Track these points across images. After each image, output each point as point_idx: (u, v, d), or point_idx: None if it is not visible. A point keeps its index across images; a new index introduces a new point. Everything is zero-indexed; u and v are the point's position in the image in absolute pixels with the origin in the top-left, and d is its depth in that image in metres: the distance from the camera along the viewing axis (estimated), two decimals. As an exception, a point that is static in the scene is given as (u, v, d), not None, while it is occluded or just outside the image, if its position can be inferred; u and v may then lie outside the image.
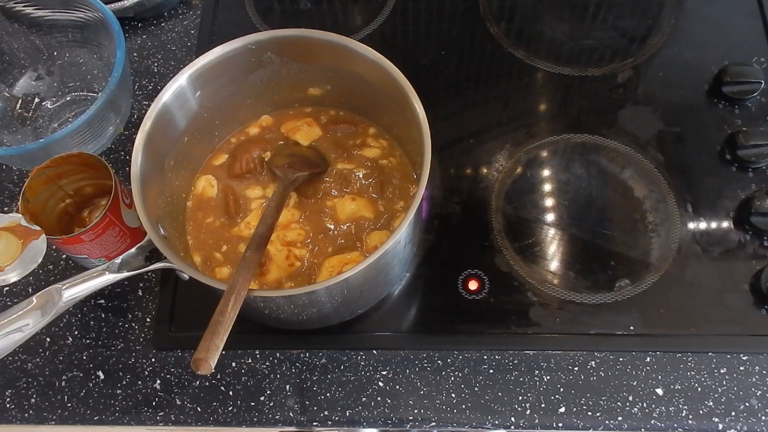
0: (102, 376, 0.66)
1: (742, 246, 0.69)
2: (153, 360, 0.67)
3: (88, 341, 0.68)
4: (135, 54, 0.84)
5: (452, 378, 0.64)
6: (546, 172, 0.74)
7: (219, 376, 0.66)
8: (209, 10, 0.86)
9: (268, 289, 0.62)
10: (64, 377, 0.66)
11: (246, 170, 0.70)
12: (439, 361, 0.65)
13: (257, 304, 0.58)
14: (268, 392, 0.65)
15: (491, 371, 0.65)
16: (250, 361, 0.66)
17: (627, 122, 0.76)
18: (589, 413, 0.62)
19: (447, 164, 0.75)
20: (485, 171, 0.74)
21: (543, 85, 0.80)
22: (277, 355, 0.66)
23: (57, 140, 0.67)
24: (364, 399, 0.64)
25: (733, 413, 0.62)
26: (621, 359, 0.65)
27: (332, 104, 0.73)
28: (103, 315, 0.69)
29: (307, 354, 0.66)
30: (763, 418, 0.62)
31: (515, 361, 0.65)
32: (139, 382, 0.66)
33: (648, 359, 0.64)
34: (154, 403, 0.65)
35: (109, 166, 0.63)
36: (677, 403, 0.62)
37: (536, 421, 0.62)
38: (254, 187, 0.70)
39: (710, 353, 0.65)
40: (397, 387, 0.64)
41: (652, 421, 0.62)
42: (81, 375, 0.66)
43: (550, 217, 0.72)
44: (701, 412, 0.62)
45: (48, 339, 0.68)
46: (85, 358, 0.67)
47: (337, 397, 0.64)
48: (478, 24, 0.84)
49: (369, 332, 0.67)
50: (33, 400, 0.65)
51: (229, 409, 0.64)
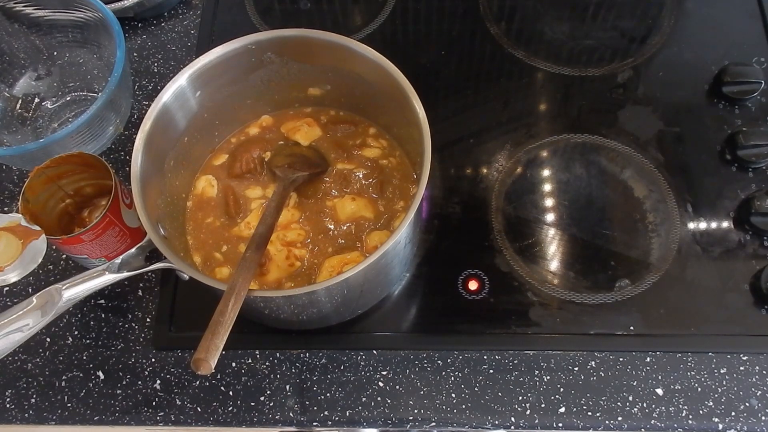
0: (102, 376, 0.66)
1: (742, 246, 0.69)
2: (153, 360, 0.67)
3: (88, 341, 0.68)
4: (135, 54, 0.84)
5: (452, 378, 0.64)
6: (546, 172, 0.74)
7: (219, 376, 0.66)
8: (209, 10, 0.86)
9: (268, 289, 0.62)
10: (64, 377, 0.66)
11: (246, 170, 0.70)
12: (439, 361, 0.65)
13: (257, 304, 0.58)
14: (268, 392, 0.65)
15: (491, 371, 0.65)
16: (250, 361, 0.66)
17: (627, 122, 0.76)
18: (589, 413, 0.62)
19: (447, 164, 0.75)
20: (485, 171, 0.74)
21: (543, 85, 0.80)
22: (277, 355, 0.66)
23: (57, 140, 0.67)
24: (364, 399, 0.64)
25: (733, 413, 0.62)
26: (621, 359, 0.65)
27: (332, 104, 0.73)
28: (103, 315, 0.69)
29: (307, 354, 0.66)
30: (763, 418, 0.62)
31: (515, 361, 0.65)
32: (139, 382, 0.66)
33: (648, 359, 0.64)
34: (154, 403, 0.65)
35: (109, 166, 0.63)
36: (677, 403, 0.62)
37: (536, 421, 0.62)
38: (254, 187, 0.70)
39: (710, 353, 0.65)
40: (397, 387, 0.64)
41: (652, 421, 0.62)
42: (81, 375, 0.66)
43: (550, 217, 0.72)
44: (701, 412, 0.62)
45: (48, 339, 0.68)
46: (85, 358, 0.67)
47: (337, 397, 0.64)
48: (478, 24, 0.84)
49: (369, 332, 0.67)
50: (33, 400, 0.65)
51: (229, 409, 0.64)
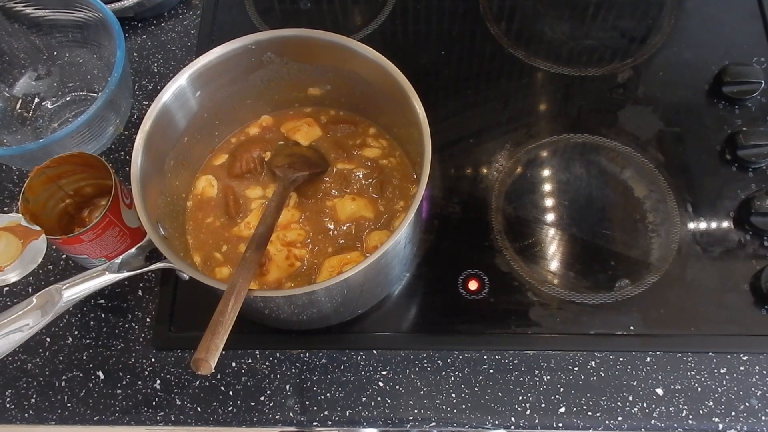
0: (102, 376, 0.66)
1: (742, 246, 0.69)
2: (153, 360, 0.67)
3: (88, 341, 0.68)
4: (135, 54, 0.84)
5: (452, 378, 0.64)
6: (546, 172, 0.74)
7: (219, 376, 0.66)
8: (209, 10, 0.86)
9: (268, 289, 0.62)
10: (64, 377, 0.66)
11: (246, 170, 0.70)
12: (439, 361, 0.65)
13: (257, 304, 0.58)
14: (268, 392, 0.65)
15: (491, 371, 0.65)
16: (250, 361, 0.66)
17: (627, 122, 0.76)
18: (589, 413, 0.62)
19: (447, 164, 0.75)
20: (485, 171, 0.74)
21: (543, 85, 0.80)
22: (277, 355, 0.66)
23: (57, 140, 0.67)
24: (364, 399, 0.64)
25: (733, 413, 0.62)
26: (621, 359, 0.65)
27: (332, 104, 0.73)
28: (103, 315, 0.69)
29: (307, 354, 0.66)
30: (763, 418, 0.62)
31: (515, 361, 0.65)
32: (139, 382, 0.66)
33: (648, 359, 0.64)
34: (154, 403, 0.65)
35: (109, 166, 0.63)
36: (677, 403, 0.62)
37: (536, 421, 0.62)
38: (254, 187, 0.70)
39: (710, 353, 0.65)
40: (397, 387, 0.64)
41: (652, 421, 0.62)
42: (81, 375, 0.66)
43: (550, 217, 0.72)
44: (701, 412, 0.62)
45: (48, 339, 0.68)
46: (85, 358, 0.67)
47: (337, 397, 0.64)
48: (478, 24, 0.84)
49: (369, 332, 0.67)
50: (33, 400, 0.65)
51: (229, 409, 0.64)
